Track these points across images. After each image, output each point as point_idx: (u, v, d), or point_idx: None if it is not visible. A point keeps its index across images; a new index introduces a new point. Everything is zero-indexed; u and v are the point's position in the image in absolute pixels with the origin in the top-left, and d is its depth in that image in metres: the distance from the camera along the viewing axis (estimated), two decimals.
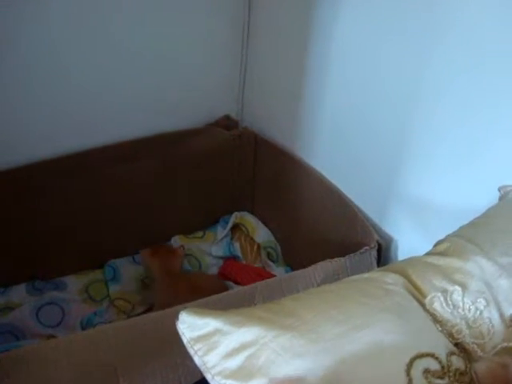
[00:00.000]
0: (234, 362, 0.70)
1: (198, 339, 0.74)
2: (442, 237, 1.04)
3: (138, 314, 1.66)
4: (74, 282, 1.77)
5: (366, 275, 0.94)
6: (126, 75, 1.71)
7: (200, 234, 2.02)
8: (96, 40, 1.60)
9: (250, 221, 2.05)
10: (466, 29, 1.08)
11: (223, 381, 0.69)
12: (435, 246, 1.02)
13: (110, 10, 1.58)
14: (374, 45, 1.34)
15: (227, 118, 1.97)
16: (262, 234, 2.00)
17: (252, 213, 2.08)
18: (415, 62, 1.23)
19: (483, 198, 1.11)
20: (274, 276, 1.79)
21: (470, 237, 0.93)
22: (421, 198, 1.32)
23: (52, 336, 1.58)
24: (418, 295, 0.87)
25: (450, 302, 0.84)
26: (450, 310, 0.83)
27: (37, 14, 1.47)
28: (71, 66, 1.60)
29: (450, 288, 0.85)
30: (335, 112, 1.56)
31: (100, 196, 1.77)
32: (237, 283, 1.82)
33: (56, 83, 1.60)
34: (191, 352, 0.75)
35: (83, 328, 1.63)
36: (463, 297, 0.83)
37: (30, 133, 1.63)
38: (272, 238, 1.99)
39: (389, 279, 0.90)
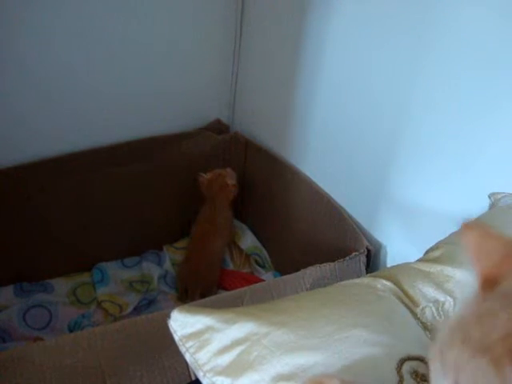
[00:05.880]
0: (225, 359, 0.70)
1: (190, 337, 0.74)
2: (431, 244, 1.04)
3: (126, 317, 1.66)
4: (62, 285, 1.76)
5: (357, 280, 0.94)
6: (118, 79, 1.72)
7: (187, 240, 2.02)
8: (89, 43, 1.60)
9: (236, 227, 2.05)
10: (458, 39, 1.09)
11: (215, 377, 0.69)
12: (427, 252, 1.02)
13: (105, 14, 1.59)
14: (366, 50, 1.35)
15: (218, 122, 1.98)
16: (246, 240, 2.00)
17: (241, 217, 2.08)
18: (407, 68, 1.23)
19: (473, 205, 1.11)
20: (262, 281, 1.79)
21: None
22: (411, 205, 1.33)
23: (39, 338, 1.57)
24: (409, 303, 0.87)
25: (441, 313, 0.84)
26: (441, 320, 0.84)
27: (37, 15, 1.48)
28: (65, 69, 1.60)
29: (442, 299, 0.86)
30: (326, 118, 1.56)
31: (89, 199, 1.76)
32: (225, 289, 1.82)
33: (48, 85, 1.60)
34: (182, 350, 0.74)
35: (71, 330, 1.62)
36: (454, 307, 0.84)
37: (20, 133, 1.63)
38: (258, 245, 1.99)
39: (379, 285, 0.91)
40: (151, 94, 1.81)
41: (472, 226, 0.49)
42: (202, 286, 1.73)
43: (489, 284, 0.46)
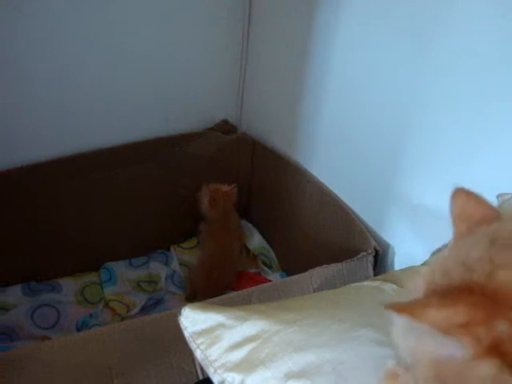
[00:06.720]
0: (236, 356, 0.71)
1: (201, 333, 0.75)
2: (439, 244, 1.03)
3: (134, 316, 1.66)
4: (70, 284, 1.77)
5: (365, 283, 0.94)
6: (124, 80, 1.72)
7: (195, 240, 2.02)
8: (94, 43, 1.61)
9: (244, 227, 2.05)
10: (464, 33, 1.08)
11: (226, 374, 0.70)
12: (433, 254, 1.01)
13: (110, 13, 1.59)
14: (375, 49, 1.35)
15: (226, 122, 1.97)
16: (254, 240, 2.00)
17: (248, 218, 2.08)
18: (417, 67, 1.23)
19: None
20: (269, 281, 1.79)
21: None
22: (419, 205, 1.33)
23: (47, 338, 1.57)
24: None
25: None
26: None
27: (38, 16, 1.48)
28: (68, 69, 1.61)
29: None
30: (333, 118, 1.56)
31: (97, 199, 1.77)
32: (232, 289, 1.81)
33: (52, 86, 1.60)
34: (193, 346, 0.75)
35: (78, 330, 1.63)
36: None
37: (30, 134, 1.64)
38: (265, 245, 1.99)
39: (387, 288, 0.91)
40: (158, 94, 1.81)
41: (462, 191, 0.54)
42: (214, 292, 1.73)
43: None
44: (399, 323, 0.50)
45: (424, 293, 0.48)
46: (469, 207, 0.53)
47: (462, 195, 0.54)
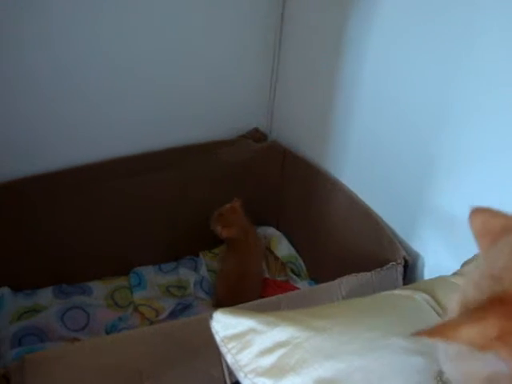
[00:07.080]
0: (267, 361, 0.71)
1: (232, 338, 0.75)
2: (469, 256, 1.03)
3: (162, 321, 1.67)
4: (100, 288, 1.79)
5: (396, 292, 0.94)
6: (157, 87, 1.74)
7: (223, 247, 2.02)
8: (124, 48, 1.63)
9: (273, 235, 2.05)
10: (504, 35, 1.07)
11: (256, 379, 0.70)
12: (464, 265, 1.01)
13: (138, 19, 1.61)
14: (407, 57, 1.35)
15: (256, 130, 1.98)
16: (283, 248, 1.99)
17: (277, 226, 2.08)
18: (452, 77, 1.22)
19: None
20: (297, 289, 1.78)
21: None
22: (449, 215, 1.31)
23: (76, 340, 1.59)
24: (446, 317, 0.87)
25: None
26: None
27: (50, 25, 1.49)
28: (94, 76, 1.63)
29: None
30: (365, 126, 1.56)
31: (127, 205, 1.79)
32: (260, 296, 1.81)
33: (60, 92, 1.61)
34: (224, 350, 0.76)
35: (107, 333, 1.64)
36: None
37: (68, 137, 1.68)
38: (293, 253, 1.99)
39: (418, 297, 0.90)
40: (191, 102, 1.83)
41: (479, 209, 0.54)
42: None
43: None
44: (441, 349, 0.49)
45: (459, 309, 0.48)
46: (488, 222, 0.53)
47: (479, 213, 0.54)
